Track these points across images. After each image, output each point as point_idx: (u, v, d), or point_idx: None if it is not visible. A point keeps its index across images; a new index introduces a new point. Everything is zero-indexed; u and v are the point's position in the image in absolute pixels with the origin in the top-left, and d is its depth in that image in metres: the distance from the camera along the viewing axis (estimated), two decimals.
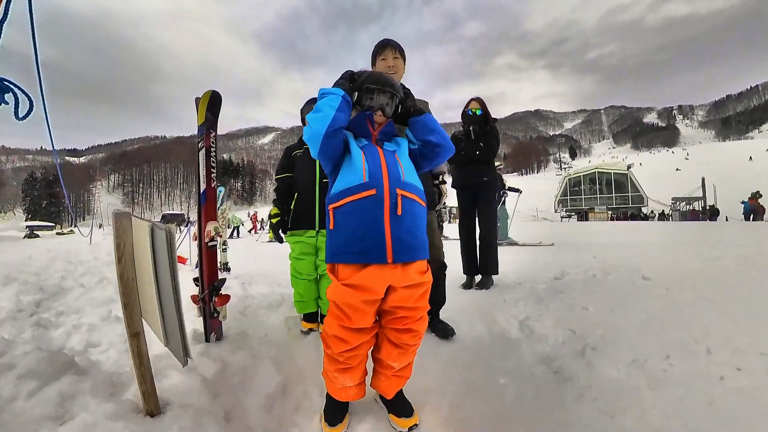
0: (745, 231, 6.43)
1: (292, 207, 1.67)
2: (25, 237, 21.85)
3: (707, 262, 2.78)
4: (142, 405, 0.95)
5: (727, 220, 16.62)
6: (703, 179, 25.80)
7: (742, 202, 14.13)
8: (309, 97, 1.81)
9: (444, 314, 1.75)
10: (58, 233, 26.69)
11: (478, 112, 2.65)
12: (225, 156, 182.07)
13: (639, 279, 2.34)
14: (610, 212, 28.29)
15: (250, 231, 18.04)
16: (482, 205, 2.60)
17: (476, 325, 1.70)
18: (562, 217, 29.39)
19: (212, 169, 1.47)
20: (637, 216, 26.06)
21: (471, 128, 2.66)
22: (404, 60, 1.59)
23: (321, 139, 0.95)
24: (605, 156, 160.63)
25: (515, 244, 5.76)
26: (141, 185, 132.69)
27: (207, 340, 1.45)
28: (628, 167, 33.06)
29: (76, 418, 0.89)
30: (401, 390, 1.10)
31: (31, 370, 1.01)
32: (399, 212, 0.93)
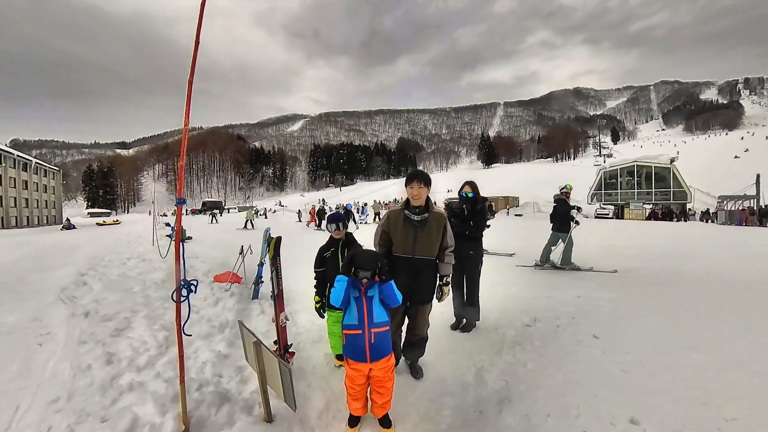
0: None
1: (327, 294, 2.66)
2: (62, 228, 23.82)
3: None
4: (264, 416, 2.00)
5: None
6: (758, 176, 23.54)
7: None
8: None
9: (428, 354, 2.69)
10: (98, 224, 29.47)
11: (470, 195, 3.50)
12: (256, 144, 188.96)
13: (589, 337, 3.02)
14: (647, 209, 26.62)
15: (308, 224, 19.52)
16: (468, 272, 3.41)
17: (444, 369, 2.63)
18: (597, 215, 27.78)
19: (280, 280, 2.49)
20: (670, 215, 24.56)
21: (465, 206, 3.50)
22: (428, 184, 2.34)
23: (337, 306, 1.96)
24: (652, 139, 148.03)
25: (578, 269, 5.78)
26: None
27: None
28: (672, 160, 30.60)
29: (236, 423, 1.96)
30: (387, 413, 2.08)
31: (220, 398, 2.11)
32: (372, 341, 1.93)
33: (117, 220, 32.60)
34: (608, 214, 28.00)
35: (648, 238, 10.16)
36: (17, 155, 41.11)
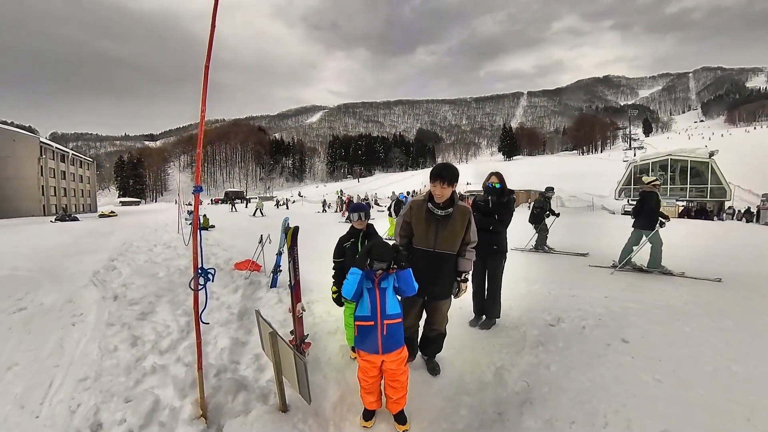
0: None
1: None
2: (56, 220, 22.87)
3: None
4: (279, 405, 2.00)
5: None
6: None
7: None
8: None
9: (446, 350, 2.62)
10: (100, 215, 28.89)
11: (497, 186, 3.31)
12: (276, 135, 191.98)
13: (617, 341, 2.80)
14: (680, 206, 25.05)
15: (344, 214, 19.11)
16: (491, 267, 3.28)
17: (463, 366, 2.55)
18: (625, 211, 26.42)
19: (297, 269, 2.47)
20: (705, 212, 22.94)
21: (490, 198, 3.34)
22: (454, 182, 2.17)
23: (349, 298, 1.93)
24: (689, 132, 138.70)
25: (669, 273, 5.03)
26: (206, 164, 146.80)
27: None
28: (711, 154, 28.50)
29: (252, 411, 1.97)
30: (402, 409, 2.03)
31: (237, 385, 2.13)
32: (385, 332, 1.89)
33: (113, 212, 32.14)
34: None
35: (685, 237, 9.55)
36: (56, 147, 43.72)
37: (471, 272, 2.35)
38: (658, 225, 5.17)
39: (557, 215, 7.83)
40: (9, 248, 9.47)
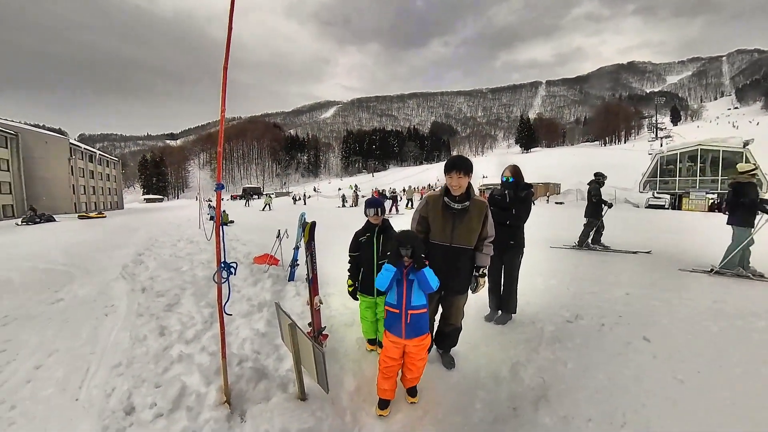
0: None
1: (359, 279, 2.67)
2: (23, 222, 18.94)
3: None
4: (298, 394, 2.08)
5: None
6: None
7: None
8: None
9: (461, 344, 2.63)
10: (80, 216, 25.17)
11: (510, 180, 3.25)
12: (291, 132, 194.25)
13: (638, 339, 2.75)
14: (710, 199, 23.62)
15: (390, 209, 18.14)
16: (507, 262, 3.24)
17: (478, 361, 2.56)
18: (649, 205, 25.09)
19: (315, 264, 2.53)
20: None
21: (507, 192, 3.28)
22: (469, 172, 2.17)
23: (382, 290, 2.00)
24: (721, 119, 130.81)
25: (749, 276, 4.49)
26: (224, 161, 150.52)
27: None
28: (746, 144, 26.69)
29: (272, 398, 2.06)
30: (415, 386, 2.14)
31: (258, 374, 2.23)
32: (408, 321, 1.95)
33: (102, 213, 28.55)
34: (664, 204, 25.23)
35: (717, 230, 9.08)
36: (84, 148, 45.90)
37: (488, 265, 2.33)
38: (758, 220, 4.59)
39: (610, 206, 6.89)
40: (45, 244, 10.10)
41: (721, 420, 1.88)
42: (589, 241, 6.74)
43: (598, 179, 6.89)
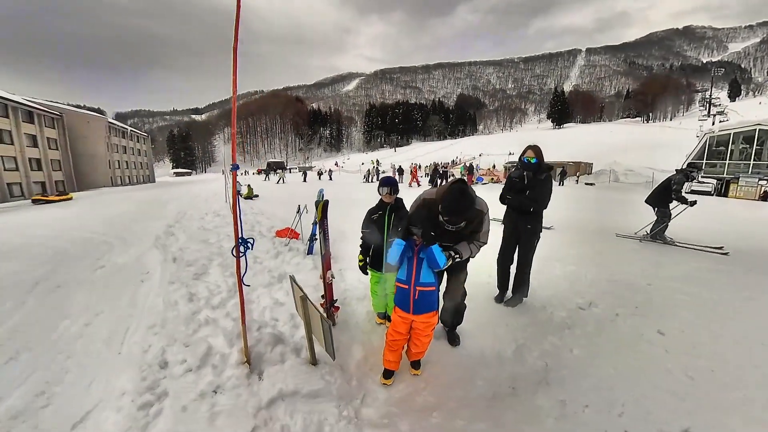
0: None
1: (370, 254, 2.76)
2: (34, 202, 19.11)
3: None
4: (309, 359, 2.26)
5: None
6: None
7: None
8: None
9: (468, 323, 2.71)
10: (34, 200, 20.54)
11: (533, 161, 3.04)
12: (314, 105, 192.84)
13: (652, 332, 2.69)
14: (762, 186, 20.78)
15: (410, 183, 19.09)
16: (522, 244, 3.18)
17: (483, 340, 2.63)
18: (691, 190, 22.13)
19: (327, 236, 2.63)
20: None
21: (525, 174, 3.13)
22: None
23: (394, 264, 2.07)
24: None
25: None
26: (248, 136, 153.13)
27: None
28: None
29: (287, 361, 2.25)
30: (419, 360, 2.26)
31: (275, 339, 2.43)
32: (416, 297, 2.03)
33: (68, 195, 22.70)
34: (709, 190, 22.34)
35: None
36: (119, 125, 48.13)
37: (464, 258, 2.17)
38: None
39: (691, 204, 5.67)
40: (85, 215, 10.97)
41: (727, 420, 1.84)
42: (653, 233, 5.81)
43: (689, 172, 5.84)
